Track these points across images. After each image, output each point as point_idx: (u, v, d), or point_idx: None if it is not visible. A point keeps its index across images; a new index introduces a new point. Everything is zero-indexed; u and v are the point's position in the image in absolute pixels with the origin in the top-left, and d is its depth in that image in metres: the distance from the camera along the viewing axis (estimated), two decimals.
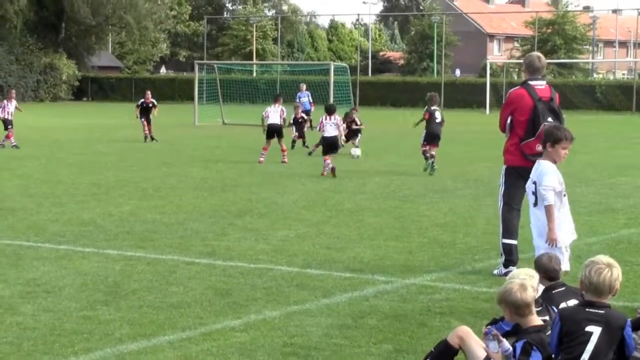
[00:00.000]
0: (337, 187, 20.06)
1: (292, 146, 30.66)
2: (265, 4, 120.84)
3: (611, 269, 6.51)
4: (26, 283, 10.28)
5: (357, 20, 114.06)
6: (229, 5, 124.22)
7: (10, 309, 9.14)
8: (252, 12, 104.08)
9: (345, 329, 8.59)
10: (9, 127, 30.92)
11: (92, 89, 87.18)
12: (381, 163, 25.94)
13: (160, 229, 14.14)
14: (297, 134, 31.58)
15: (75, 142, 33.15)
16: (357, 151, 27.66)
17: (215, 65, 56.28)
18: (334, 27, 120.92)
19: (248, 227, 14.36)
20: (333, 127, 23.48)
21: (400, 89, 75.64)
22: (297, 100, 37.61)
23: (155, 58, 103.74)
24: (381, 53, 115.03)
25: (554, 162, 9.12)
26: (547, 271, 7.60)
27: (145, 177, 21.63)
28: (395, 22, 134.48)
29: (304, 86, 42.31)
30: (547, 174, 9.03)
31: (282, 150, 25.85)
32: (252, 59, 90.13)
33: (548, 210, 9.04)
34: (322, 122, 23.83)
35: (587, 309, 6.51)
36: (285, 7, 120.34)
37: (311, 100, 40.51)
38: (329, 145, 23.00)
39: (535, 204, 9.22)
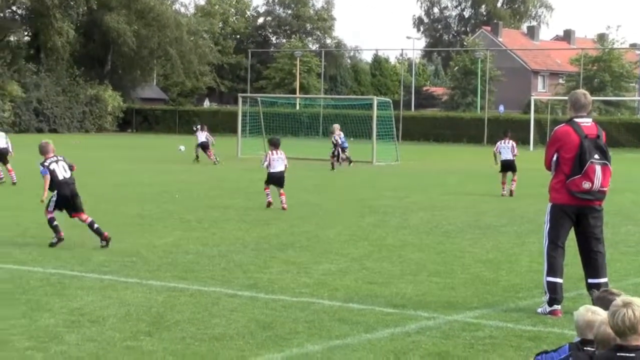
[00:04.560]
0: (380, 222, 20.03)
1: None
2: (310, 38, 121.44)
3: (630, 308, 6.31)
4: (71, 312, 10.35)
5: (401, 55, 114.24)
6: (273, 39, 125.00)
7: (55, 338, 9.21)
8: (297, 46, 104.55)
9: None
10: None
11: (136, 120, 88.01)
12: (424, 198, 25.86)
13: (203, 260, 14.19)
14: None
15: (119, 174, 33.42)
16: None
17: (258, 99, 56.55)
18: (377, 62, 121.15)
19: (290, 260, 14.37)
20: (280, 162, 22.99)
21: (443, 125, 75.44)
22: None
23: (199, 91, 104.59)
24: (424, 88, 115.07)
25: None
26: None
27: (189, 208, 21.72)
28: (439, 57, 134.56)
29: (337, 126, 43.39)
30: None
31: None
32: (296, 93, 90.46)
33: None
34: (268, 156, 23.15)
35: (617, 354, 6.38)
36: (329, 41, 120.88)
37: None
38: (275, 179, 22.57)
39: None
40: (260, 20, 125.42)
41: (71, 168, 16.12)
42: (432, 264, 14.30)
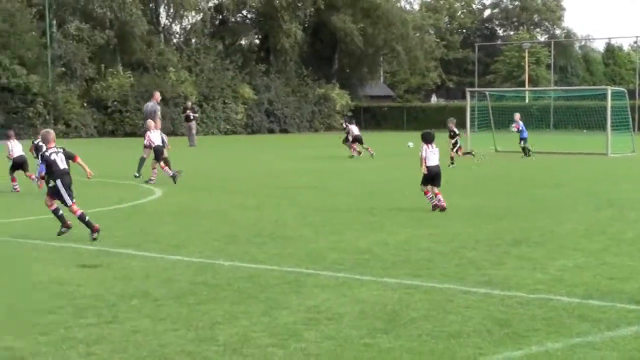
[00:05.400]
0: (617, 215, 19.38)
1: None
2: (538, 29, 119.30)
3: None
4: (308, 310, 10.52)
5: (635, 42, 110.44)
6: (500, 32, 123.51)
7: (294, 335, 9.38)
8: (525, 37, 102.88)
9: None
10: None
11: (364, 118, 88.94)
12: None
13: (436, 257, 14.13)
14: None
15: (351, 171, 33.81)
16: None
17: (486, 93, 55.96)
18: (610, 51, 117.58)
19: (524, 256, 14.10)
20: (435, 155, 21.74)
21: None
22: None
23: (426, 87, 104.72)
24: None
25: None
26: None
27: (417, 205, 21.68)
28: None
29: (517, 115, 42.60)
30: None
31: None
32: (525, 86, 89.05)
33: None
34: (424, 149, 21.21)
35: None
36: (558, 32, 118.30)
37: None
38: (432, 174, 21.13)
39: None
40: (487, 13, 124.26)
41: (73, 158, 16.41)
42: None
